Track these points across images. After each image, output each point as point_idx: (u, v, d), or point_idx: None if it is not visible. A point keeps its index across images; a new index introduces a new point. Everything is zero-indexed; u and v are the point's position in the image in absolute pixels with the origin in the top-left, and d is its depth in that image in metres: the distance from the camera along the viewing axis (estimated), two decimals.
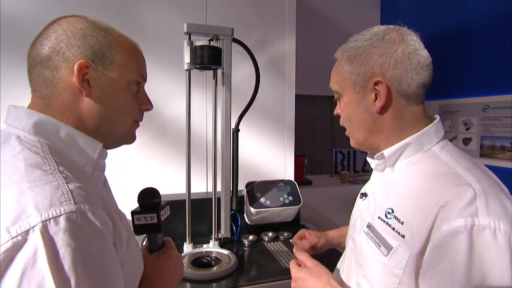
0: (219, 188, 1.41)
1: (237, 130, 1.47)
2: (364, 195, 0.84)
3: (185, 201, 1.33)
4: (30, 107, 0.60)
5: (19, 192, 0.45)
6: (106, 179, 0.73)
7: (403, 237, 0.65)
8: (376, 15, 3.23)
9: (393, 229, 0.67)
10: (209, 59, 1.26)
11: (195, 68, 1.31)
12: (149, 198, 0.74)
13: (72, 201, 0.46)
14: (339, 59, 0.78)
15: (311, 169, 3.21)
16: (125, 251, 0.56)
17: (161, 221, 0.73)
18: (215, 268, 1.18)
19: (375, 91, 0.71)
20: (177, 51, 1.42)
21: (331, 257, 1.00)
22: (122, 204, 0.67)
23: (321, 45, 2.95)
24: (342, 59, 0.76)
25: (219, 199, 1.40)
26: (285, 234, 1.50)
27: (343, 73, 0.75)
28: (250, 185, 1.52)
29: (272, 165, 1.97)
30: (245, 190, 1.51)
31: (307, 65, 2.75)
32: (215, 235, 1.38)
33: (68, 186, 0.48)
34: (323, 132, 3.34)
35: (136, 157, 1.71)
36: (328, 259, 0.89)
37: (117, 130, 0.66)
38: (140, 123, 0.72)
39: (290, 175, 2.00)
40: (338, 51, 0.79)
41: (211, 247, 1.35)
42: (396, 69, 0.69)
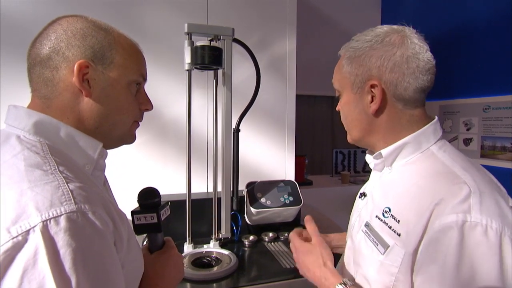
0: (219, 188, 1.41)
1: (237, 130, 1.47)
2: (363, 194, 0.84)
3: (185, 201, 1.32)
4: (30, 107, 0.60)
5: (19, 192, 0.45)
6: (106, 179, 0.73)
7: (399, 235, 0.65)
8: (376, 15, 3.23)
9: (390, 227, 0.67)
10: (209, 59, 1.26)
11: (195, 68, 1.31)
12: (149, 198, 0.74)
13: (73, 201, 0.46)
14: (342, 57, 0.78)
15: (311, 169, 3.21)
16: (126, 251, 0.56)
17: (161, 220, 0.73)
18: (215, 268, 1.18)
19: (371, 93, 0.71)
20: (178, 51, 1.42)
21: None
22: (122, 204, 0.67)
23: (321, 45, 2.95)
24: (344, 58, 0.76)
25: (219, 199, 1.40)
26: (286, 235, 1.50)
27: (343, 72, 0.76)
28: (250, 185, 1.51)
29: (272, 165, 1.97)
30: (246, 190, 1.50)
31: (307, 65, 2.75)
32: (216, 235, 1.38)
33: (68, 186, 0.48)
34: (323, 132, 3.34)
35: (137, 157, 1.71)
36: None
37: (117, 130, 0.66)
38: (140, 123, 0.72)
39: (290, 175, 1.99)
40: (342, 49, 0.79)
41: (212, 247, 1.35)
42: (393, 73, 0.69)
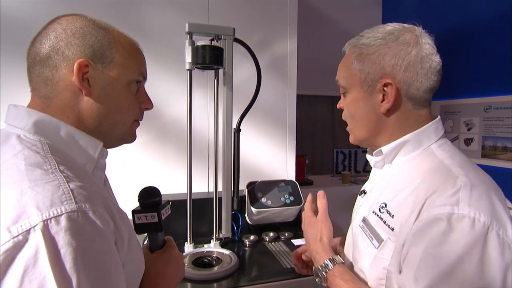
0: (220, 188, 1.41)
1: (238, 130, 1.47)
2: (363, 192, 0.85)
3: (186, 201, 1.32)
4: (30, 106, 0.60)
5: (19, 192, 0.45)
6: (107, 178, 0.73)
7: (392, 230, 0.66)
8: (377, 15, 3.23)
9: (385, 222, 0.68)
10: (210, 59, 1.26)
11: (196, 68, 1.31)
12: (150, 197, 0.74)
13: (73, 200, 0.46)
14: (349, 54, 0.76)
15: (312, 169, 3.20)
16: (127, 251, 0.56)
17: (161, 220, 0.73)
18: (216, 268, 1.18)
19: (383, 92, 0.70)
20: (179, 51, 1.42)
21: None
22: (123, 203, 0.67)
23: (322, 45, 2.95)
24: (353, 55, 0.74)
25: (220, 199, 1.40)
26: (286, 234, 1.49)
27: (352, 69, 0.74)
28: (251, 185, 1.51)
29: (273, 165, 1.97)
30: (246, 190, 1.50)
31: (308, 65, 2.75)
32: (216, 235, 1.38)
33: (68, 185, 0.48)
34: (324, 132, 3.34)
35: (137, 157, 1.71)
36: None
37: (117, 129, 0.66)
38: (140, 123, 0.72)
39: (291, 175, 1.99)
40: (348, 45, 0.77)
41: (212, 247, 1.35)
42: (408, 72, 0.68)
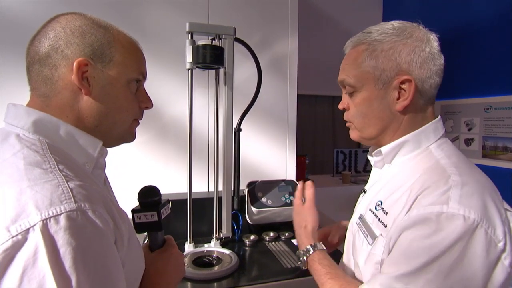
0: (220, 188, 1.41)
1: (238, 129, 1.47)
2: (363, 191, 0.85)
3: (186, 200, 1.32)
4: (29, 105, 0.60)
5: (18, 191, 0.44)
6: (106, 177, 0.73)
7: (385, 226, 0.66)
8: (378, 15, 3.23)
9: (379, 219, 0.69)
10: (211, 58, 1.26)
11: (197, 67, 1.31)
12: (150, 196, 0.74)
13: (73, 200, 0.46)
14: (356, 51, 0.73)
15: (312, 169, 3.20)
16: (126, 250, 0.56)
17: (161, 219, 0.73)
18: (216, 268, 1.18)
19: (399, 89, 0.69)
20: (179, 51, 1.42)
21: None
22: (123, 202, 0.67)
23: (323, 45, 2.95)
24: (364, 52, 0.71)
25: (220, 199, 1.40)
26: (286, 234, 1.49)
27: (363, 67, 0.71)
28: (251, 185, 1.51)
29: (273, 165, 1.97)
30: (247, 189, 1.50)
31: (309, 65, 2.75)
32: (217, 235, 1.38)
33: (68, 185, 0.47)
34: (324, 132, 3.34)
35: (138, 156, 1.71)
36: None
37: (117, 129, 0.65)
38: (141, 122, 0.72)
39: (291, 175, 1.99)
40: (351, 43, 0.75)
41: (213, 246, 1.35)
42: (422, 69, 0.68)
